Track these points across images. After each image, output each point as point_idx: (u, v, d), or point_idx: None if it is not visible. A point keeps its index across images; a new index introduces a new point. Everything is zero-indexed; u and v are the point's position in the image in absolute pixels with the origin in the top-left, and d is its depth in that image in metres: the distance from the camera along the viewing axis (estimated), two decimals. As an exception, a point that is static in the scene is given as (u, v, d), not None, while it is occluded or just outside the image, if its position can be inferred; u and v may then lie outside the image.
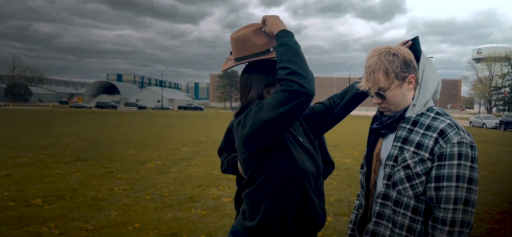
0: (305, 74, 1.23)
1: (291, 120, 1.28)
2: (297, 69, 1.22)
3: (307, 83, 1.22)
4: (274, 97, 1.27)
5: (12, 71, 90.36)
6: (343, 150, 12.34)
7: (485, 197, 6.20)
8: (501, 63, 72.88)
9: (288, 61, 1.25)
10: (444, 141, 1.36)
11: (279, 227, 1.41)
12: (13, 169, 7.66)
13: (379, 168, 1.57)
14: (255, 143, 1.36)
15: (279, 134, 1.36)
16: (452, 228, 1.32)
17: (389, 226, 1.47)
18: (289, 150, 1.41)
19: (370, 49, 1.50)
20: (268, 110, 1.26)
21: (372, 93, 1.51)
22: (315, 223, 1.49)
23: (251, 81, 1.53)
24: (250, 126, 1.33)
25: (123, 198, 5.62)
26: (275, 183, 1.40)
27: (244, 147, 1.40)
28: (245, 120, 1.38)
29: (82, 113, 40.07)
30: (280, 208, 1.41)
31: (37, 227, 4.28)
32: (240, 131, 1.40)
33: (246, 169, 1.47)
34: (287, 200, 1.41)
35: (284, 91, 1.23)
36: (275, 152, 1.39)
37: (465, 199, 1.33)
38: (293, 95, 1.20)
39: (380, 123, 1.58)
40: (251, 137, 1.35)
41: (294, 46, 1.30)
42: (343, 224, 4.64)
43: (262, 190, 1.41)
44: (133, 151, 11.05)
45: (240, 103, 1.60)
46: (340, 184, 6.96)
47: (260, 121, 1.29)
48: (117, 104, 72.53)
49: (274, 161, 1.39)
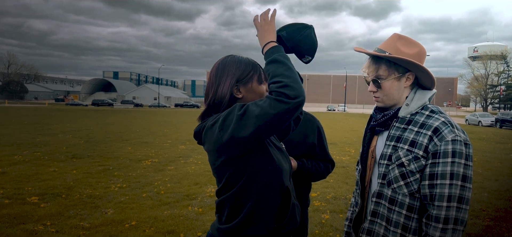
0: (297, 86, 1.23)
1: (280, 127, 1.27)
2: (288, 82, 1.23)
3: (298, 93, 1.23)
4: (265, 105, 1.22)
5: (8, 69, 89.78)
6: (339, 148, 12.37)
7: (480, 194, 6.23)
8: (497, 61, 73.33)
9: (280, 76, 1.25)
10: (439, 138, 1.36)
11: (261, 228, 1.39)
12: (8, 167, 7.63)
13: (374, 165, 1.57)
14: (235, 148, 1.31)
15: (264, 139, 1.35)
16: (445, 226, 1.33)
17: (384, 225, 1.48)
18: (268, 150, 1.39)
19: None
20: (258, 118, 1.22)
21: (369, 79, 1.53)
22: (295, 218, 1.47)
23: (226, 74, 1.45)
24: (232, 133, 1.25)
25: (119, 196, 5.61)
26: (256, 185, 1.37)
27: (220, 152, 1.35)
28: (224, 123, 1.28)
29: (78, 111, 39.91)
30: (262, 209, 1.38)
31: (33, 225, 4.27)
32: (217, 135, 1.30)
33: (221, 175, 1.41)
34: (269, 200, 1.40)
35: (277, 100, 1.21)
36: (255, 154, 1.36)
37: (459, 197, 1.33)
38: (286, 105, 1.21)
39: (375, 121, 1.59)
40: (231, 143, 1.28)
41: (284, 61, 1.30)
42: (340, 221, 4.66)
43: (242, 194, 1.38)
44: (130, 148, 11.02)
45: (205, 100, 1.49)
46: (337, 181, 6.98)
47: (248, 128, 1.23)
48: (113, 102, 72.26)
49: (254, 163, 1.36)
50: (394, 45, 1.49)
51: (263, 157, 1.37)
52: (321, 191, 6.16)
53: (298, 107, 1.22)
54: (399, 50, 1.48)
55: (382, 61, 1.49)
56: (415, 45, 1.51)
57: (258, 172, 1.37)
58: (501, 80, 72.27)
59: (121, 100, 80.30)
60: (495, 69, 74.75)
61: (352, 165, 8.90)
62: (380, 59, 1.50)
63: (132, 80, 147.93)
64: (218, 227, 1.45)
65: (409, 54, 1.47)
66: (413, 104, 1.49)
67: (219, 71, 1.47)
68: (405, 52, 1.47)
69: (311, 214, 4.83)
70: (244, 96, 1.45)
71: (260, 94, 1.45)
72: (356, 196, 1.72)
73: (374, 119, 1.61)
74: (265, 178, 1.38)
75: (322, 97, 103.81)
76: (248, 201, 1.38)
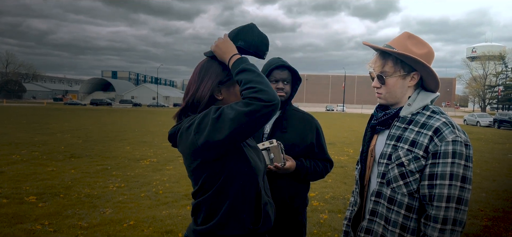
0: (270, 91, 1.25)
1: (255, 130, 1.28)
2: (262, 87, 1.25)
3: (272, 97, 1.24)
4: (240, 109, 1.22)
5: (6, 68, 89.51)
6: (338, 148, 12.38)
7: (478, 194, 6.24)
8: (495, 61, 73.47)
9: (253, 82, 1.27)
10: (439, 139, 1.36)
11: (237, 229, 1.40)
12: (6, 166, 7.60)
13: (373, 164, 1.57)
14: (211, 152, 1.31)
15: (239, 142, 1.35)
16: (444, 226, 1.33)
17: (382, 224, 1.47)
18: (243, 152, 1.41)
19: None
20: (233, 123, 1.22)
21: (374, 75, 1.53)
22: (269, 218, 1.48)
23: (209, 74, 1.46)
24: (207, 137, 1.25)
25: (118, 196, 5.60)
26: (233, 187, 1.38)
27: (196, 156, 1.35)
28: (200, 126, 1.28)
29: (77, 111, 39.84)
30: (238, 211, 1.39)
31: (31, 225, 4.26)
32: (192, 138, 1.30)
33: (197, 177, 1.41)
34: (245, 201, 1.41)
35: (251, 104, 1.22)
36: (230, 157, 1.37)
37: (458, 198, 1.33)
38: (261, 108, 1.22)
39: (376, 119, 1.59)
40: (206, 146, 1.28)
41: (253, 69, 1.32)
42: (338, 221, 4.66)
43: (219, 197, 1.39)
44: (128, 148, 11.01)
45: (184, 97, 1.49)
46: (335, 181, 6.98)
47: (223, 132, 1.24)
48: (112, 102, 72.17)
49: (230, 166, 1.37)
50: (403, 43, 1.49)
51: (239, 159, 1.39)
52: (320, 190, 6.16)
53: (273, 110, 1.24)
54: (408, 48, 1.47)
55: (389, 58, 1.49)
56: (425, 45, 1.50)
57: (234, 175, 1.38)
58: (499, 81, 72.46)
59: (119, 99, 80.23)
60: (494, 69, 74.89)
61: (351, 165, 8.91)
62: (387, 55, 1.50)
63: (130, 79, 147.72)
64: (193, 228, 1.46)
65: (417, 53, 1.47)
66: (415, 105, 1.48)
67: (203, 70, 1.48)
68: (414, 51, 1.47)
69: (310, 214, 4.83)
70: (224, 99, 1.46)
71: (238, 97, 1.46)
72: (355, 195, 1.72)
73: (375, 117, 1.61)
74: (241, 180, 1.39)
75: (321, 97, 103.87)
76: (224, 203, 1.38)
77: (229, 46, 1.41)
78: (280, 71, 2.14)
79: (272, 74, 2.14)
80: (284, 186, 2.10)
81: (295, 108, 2.29)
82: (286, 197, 2.11)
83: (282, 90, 2.14)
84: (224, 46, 1.42)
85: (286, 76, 2.15)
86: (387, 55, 1.50)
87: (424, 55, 1.48)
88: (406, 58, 1.45)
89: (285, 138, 2.09)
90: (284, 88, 2.15)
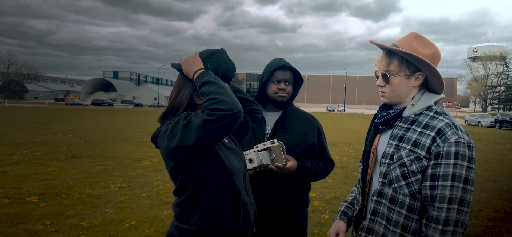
0: (230, 100, 1.32)
1: (221, 137, 1.38)
2: (222, 97, 1.32)
3: (232, 106, 1.31)
4: (204, 118, 1.30)
5: (8, 68, 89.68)
6: (339, 148, 12.38)
7: (480, 195, 6.24)
8: (497, 62, 73.32)
9: (213, 93, 1.34)
10: (442, 139, 1.36)
11: (217, 227, 1.46)
12: (8, 166, 7.62)
13: (375, 164, 1.57)
14: (183, 155, 1.39)
15: (208, 147, 1.42)
16: (445, 227, 1.33)
17: (384, 224, 1.47)
18: (217, 154, 1.47)
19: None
20: (199, 130, 1.30)
21: (379, 73, 1.53)
22: (249, 218, 1.55)
23: (188, 80, 1.54)
24: (178, 142, 1.33)
25: (119, 196, 5.61)
26: (207, 189, 1.46)
27: (170, 158, 1.43)
28: (173, 131, 1.37)
29: (78, 111, 39.90)
30: (215, 211, 1.46)
31: (32, 225, 4.27)
32: (167, 142, 1.38)
33: (174, 178, 1.50)
34: (221, 202, 1.47)
35: (212, 115, 1.30)
36: (204, 160, 1.44)
37: (460, 199, 1.33)
38: (222, 117, 1.29)
39: (379, 119, 1.59)
40: (178, 150, 1.36)
41: (215, 81, 1.40)
42: (339, 222, 4.65)
43: (195, 197, 1.46)
44: (129, 148, 11.02)
45: (169, 100, 1.58)
46: (337, 181, 6.98)
47: (191, 138, 1.31)
48: (113, 102, 72.23)
49: (203, 168, 1.45)
50: (410, 43, 1.49)
51: (213, 162, 1.46)
52: (321, 191, 6.17)
53: (235, 118, 1.31)
54: (414, 48, 1.47)
55: (395, 57, 1.49)
56: (431, 46, 1.50)
57: (208, 176, 1.45)
58: (500, 81, 72.25)
59: (121, 100, 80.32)
60: (495, 70, 74.71)
61: (352, 165, 8.91)
62: (393, 54, 1.50)
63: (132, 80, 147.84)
64: (176, 225, 1.54)
65: (423, 54, 1.46)
66: (419, 105, 1.48)
67: (183, 78, 1.56)
68: (420, 51, 1.47)
69: (311, 214, 4.84)
70: (203, 103, 1.50)
71: None
72: (356, 191, 1.73)
73: (379, 116, 1.61)
74: (215, 181, 1.46)
75: (322, 98, 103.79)
76: (201, 202, 1.46)
77: (197, 62, 1.51)
78: (282, 71, 2.15)
79: (274, 75, 2.15)
80: (285, 186, 2.11)
81: (296, 108, 2.29)
82: (287, 197, 2.12)
83: (284, 91, 2.14)
84: (192, 62, 1.51)
85: (288, 77, 2.16)
86: (393, 54, 1.50)
87: (430, 56, 1.47)
88: (411, 57, 1.46)
89: (287, 138, 2.10)
90: (286, 89, 2.15)
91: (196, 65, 1.49)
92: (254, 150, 1.97)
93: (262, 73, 2.24)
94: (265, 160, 1.94)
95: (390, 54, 1.51)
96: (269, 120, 2.20)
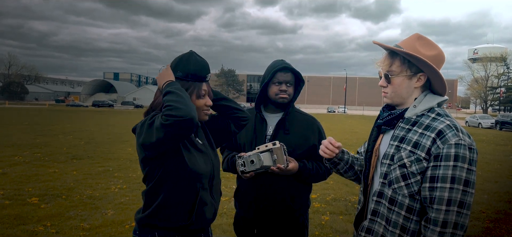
0: (183, 107, 1.42)
1: (177, 141, 1.51)
2: (177, 105, 1.43)
3: (185, 113, 1.41)
4: (161, 122, 1.41)
5: (8, 70, 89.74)
6: (340, 149, 12.36)
7: (480, 196, 6.23)
8: (497, 63, 73.31)
9: (170, 101, 1.45)
10: (442, 141, 1.36)
11: (169, 222, 1.58)
12: (9, 168, 7.63)
13: (376, 164, 1.58)
14: (147, 151, 1.52)
15: (171, 147, 1.52)
16: (443, 229, 1.32)
17: (383, 224, 1.48)
18: (181, 155, 1.57)
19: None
20: (158, 131, 1.42)
21: (382, 73, 1.54)
22: (204, 217, 1.64)
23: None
24: (143, 139, 1.48)
25: (119, 197, 5.61)
26: (167, 185, 1.58)
27: (139, 151, 1.59)
28: (141, 129, 1.51)
29: (79, 112, 39.91)
30: (171, 206, 1.59)
31: (33, 226, 4.27)
32: (137, 137, 1.54)
33: (143, 169, 1.63)
34: (178, 199, 1.59)
35: (167, 120, 1.40)
36: (166, 158, 1.55)
37: (460, 201, 1.33)
38: (175, 122, 1.40)
39: (382, 119, 1.60)
40: (144, 146, 1.50)
41: (174, 90, 1.50)
42: (340, 223, 4.66)
43: (156, 190, 1.60)
44: (130, 149, 11.02)
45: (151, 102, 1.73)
46: (337, 183, 6.98)
47: (153, 137, 1.44)
48: (114, 103, 72.23)
49: (165, 166, 1.57)
50: (412, 44, 1.50)
51: (176, 161, 1.57)
52: (321, 192, 6.17)
53: (189, 124, 1.41)
54: (416, 49, 1.48)
55: (397, 57, 1.50)
56: (434, 47, 1.51)
57: (169, 174, 1.57)
58: (501, 82, 72.19)
59: (121, 101, 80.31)
60: (495, 71, 74.65)
61: (352, 167, 8.89)
62: (395, 55, 1.51)
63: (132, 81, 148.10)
64: (135, 215, 1.69)
65: (425, 55, 1.47)
66: (421, 106, 1.48)
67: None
68: (422, 52, 1.47)
69: (311, 215, 4.84)
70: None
71: (197, 108, 1.66)
72: (360, 193, 1.73)
73: (381, 116, 1.61)
74: (175, 179, 1.58)
75: (322, 99, 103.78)
76: (159, 197, 1.59)
77: (166, 75, 1.63)
78: (283, 73, 2.15)
79: (275, 76, 2.15)
80: (285, 187, 2.11)
81: (297, 110, 2.30)
82: (288, 199, 2.12)
83: (285, 92, 2.15)
84: (164, 74, 1.64)
85: (289, 78, 2.16)
86: (395, 55, 1.51)
87: (433, 57, 1.47)
88: (413, 58, 1.46)
89: (288, 139, 2.10)
90: (287, 91, 2.16)
91: (166, 77, 1.62)
92: (255, 151, 1.98)
93: (263, 74, 2.24)
94: (266, 162, 1.95)
95: (392, 55, 1.52)
96: (270, 122, 2.21)
